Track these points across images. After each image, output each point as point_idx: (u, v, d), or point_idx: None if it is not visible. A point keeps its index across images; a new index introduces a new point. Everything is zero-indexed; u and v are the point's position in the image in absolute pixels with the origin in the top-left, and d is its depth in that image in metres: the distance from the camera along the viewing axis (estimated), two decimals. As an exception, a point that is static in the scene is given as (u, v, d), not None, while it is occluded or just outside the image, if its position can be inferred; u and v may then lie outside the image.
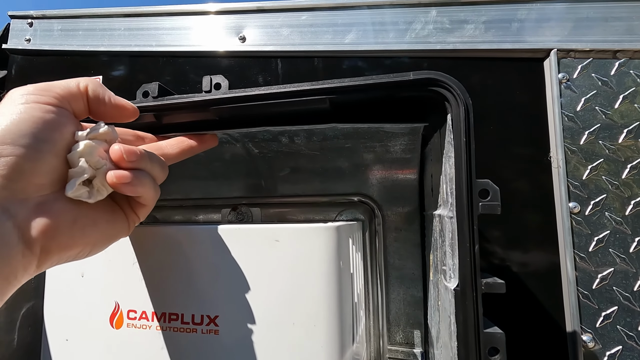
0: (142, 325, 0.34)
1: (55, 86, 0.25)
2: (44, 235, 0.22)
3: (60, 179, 0.24)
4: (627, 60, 0.47)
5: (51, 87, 0.24)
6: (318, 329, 0.31)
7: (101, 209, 0.26)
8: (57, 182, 0.24)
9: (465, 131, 0.30)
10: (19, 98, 0.23)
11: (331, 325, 0.31)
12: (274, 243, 0.32)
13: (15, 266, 0.21)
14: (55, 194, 0.23)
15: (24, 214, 0.21)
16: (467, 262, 0.29)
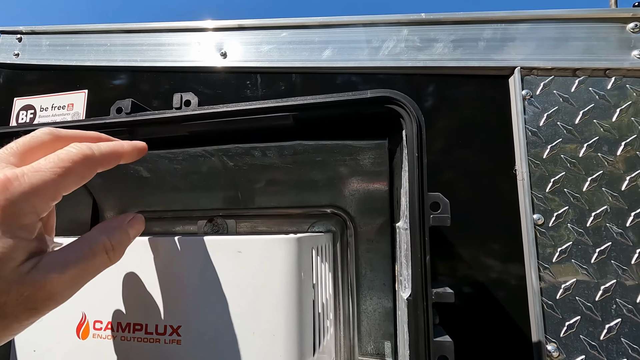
0: (108, 336, 0.34)
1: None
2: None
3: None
4: (586, 77, 0.49)
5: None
6: (277, 339, 0.32)
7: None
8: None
9: (418, 146, 0.31)
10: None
11: (290, 336, 0.32)
12: (237, 254, 0.33)
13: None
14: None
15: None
16: (419, 272, 0.30)
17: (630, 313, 0.44)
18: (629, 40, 0.48)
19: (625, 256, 0.45)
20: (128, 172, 0.55)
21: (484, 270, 0.48)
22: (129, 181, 0.56)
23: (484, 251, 0.49)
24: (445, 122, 0.53)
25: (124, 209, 0.60)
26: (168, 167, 0.52)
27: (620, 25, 0.49)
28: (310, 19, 0.61)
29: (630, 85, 0.48)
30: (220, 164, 0.50)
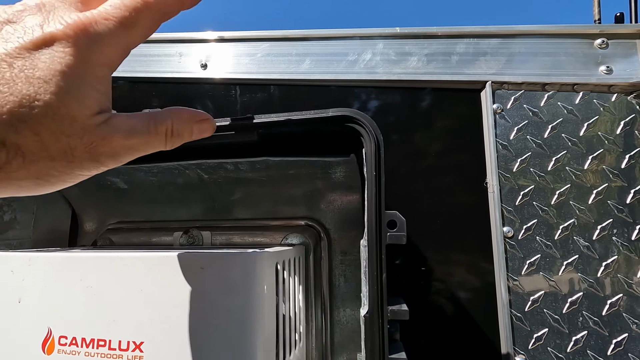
0: (72, 352, 0.35)
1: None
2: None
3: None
4: (554, 92, 0.50)
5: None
6: (240, 353, 0.32)
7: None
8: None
9: (375, 165, 0.32)
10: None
11: (250, 350, 0.32)
12: (200, 270, 0.34)
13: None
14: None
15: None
16: (375, 289, 0.30)
17: (596, 325, 0.44)
18: (596, 55, 0.49)
19: (591, 269, 0.46)
20: (105, 183, 0.55)
21: (454, 282, 0.49)
22: (107, 192, 0.57)
23: (454, 263, 0.49)
24: (417, 135, 0.54)
25: (102, 220, 0.61)
26: (144, 179, 0.53)
27: (588, 41, 0.50)
28: (289, 32, 0.61)
29: (597, 100, 0.48)
30: (195, 176, 0.51)
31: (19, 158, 0.19)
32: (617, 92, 0.48)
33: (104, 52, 0.21)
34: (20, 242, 0.54)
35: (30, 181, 0.21)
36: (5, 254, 0.40)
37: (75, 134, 0.20)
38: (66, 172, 0.21)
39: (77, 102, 0.20)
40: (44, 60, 0.19)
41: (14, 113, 0.18)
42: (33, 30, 0.20)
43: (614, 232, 0.46)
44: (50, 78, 0.19)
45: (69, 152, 0.21)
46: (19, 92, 0.19)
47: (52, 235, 0.60)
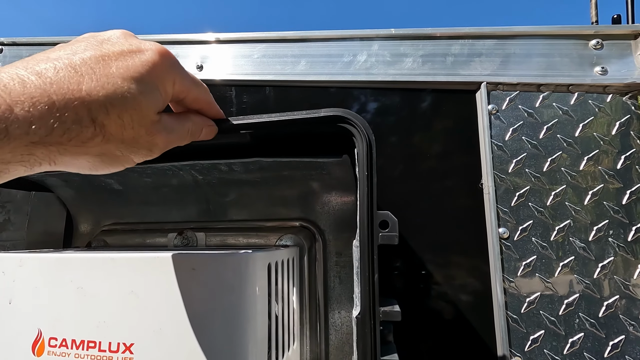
0: (62, 353, 0.34)
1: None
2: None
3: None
4: (549, 93, 0.49)
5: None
6: (230, 354, 0.32)
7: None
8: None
9: (367, 165, 0.32)
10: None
11: (243, 351, 0.32)
12: (191, 271, 0.33)
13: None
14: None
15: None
16: (367, 290, 0.30)
17: (593, 327, 0.44)
18: (591, 56, 0.49)
19: (588, 270, 0.45)
20: (100, 184, 0.55)
21: (449, 284, 0.49)
22: (102, 193, 0.57)
23: (449, 265, 0.49)
24: (413, 136, 0.54)
25: (97, 221, 0.60)
26: (138, 181, 0.53)
27: (583, 42, 0.50)
28: (285, 33, 0.61)
29: (592, 100, 0.48)
30: (190, 177, 0.51)
31: (100, 136, 0.23)
32: (612, 93, 0.48)
33: (175, 76, 0.28)
34: (14, 244, 0.54)
35: (97, 158, 0.25)
36: (-4, 255, 0.39)
37: (144, 125, 0.26)
38: (126, 154, 0.26)
39: (152, 100, 0.26)
40: (136, 64, 0.25)
41: (109, 98, 0.23)
42: (130, 44, 0.26)
43: (610, 233, 0.46)
44: (139, 78, 0.25)
45: (136, 139, 0.26)
46: (116, 83, 0.24)
47: (47, 236, 0.59)
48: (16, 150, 0.20)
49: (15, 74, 0.21)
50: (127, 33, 0.28)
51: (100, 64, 0.24)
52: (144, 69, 0.25)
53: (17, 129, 0.20)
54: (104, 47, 0.25)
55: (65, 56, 0.24)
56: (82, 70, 0.23)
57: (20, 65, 0.22)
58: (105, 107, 0.23)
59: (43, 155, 0.22)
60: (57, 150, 0.22)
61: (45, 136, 0.21)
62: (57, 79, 0.22)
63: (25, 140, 0.20)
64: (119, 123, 0.24)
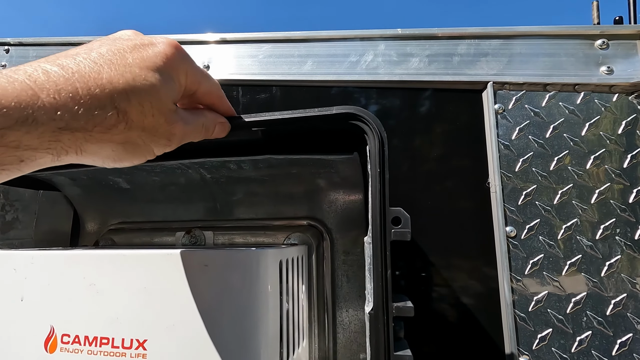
0: (75, 350, 0.34)
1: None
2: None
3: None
4: (556, 92, 0.50)
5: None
6: (243, 351, 0.32)
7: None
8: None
9: (380, 162, 0.32)
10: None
11: (255, 348, 0.32)
12: (203, 268, 0.33)
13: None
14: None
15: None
16: (380, 286, 0.30)
17: (601, 326, 0.44)
18: (596, 56, 0.49)
19: (595, 268, 0.45)
20: (108, 183, 0.55)
21: (457, 282, 0.49)
22: (109, 192, 0.57)
23: (457, 263, 0.49)
24: (419, 135, 0.54)
25: (104, 220, 0.61)
26: (146, 179, 0.53)
27: (589, 42, 0.50)
28: (291, 33, 0.62)
29: (598, 100, 0.49)
30: (198, 176, 0.51)
31: (123, 123, 0.24)
32: (618, 92, 0.49)
33: (187, 67, 0.29)
34: (22, 242, 0.54)
35: (119, 146, 0.26)
36: (7, 252, 0.40)
37: (163, 113, 0.26)
38: (147, 143, 0.27)
39: (169, 89, 0.27)
40: (150, 55, 0.26)
41: (129, 85, 0.24)
42: (142, 38, 0.28)
43: (617, 231, 0.46)
44: (155, 68, 0.26)
45: (155, 127, 0.26)
46: (134, 72, 0.25)
47: (54, 235, 0.60)
48: (43, 136, 0.21)
49: (38, 66, 0.22)
50: (136, 31, 0.29)
51: (117, 56, 0.25)
52: (159, 59, 0.27)
53: (43, 114, 0.20)
54: (117, 43, 0.26)
55: (83, 52, 0.25)
56: (100, 61, 0.24)
57: (43, 60, 0.23)
58: (126, 93, 0.24)
59: (70, 142, 0.22)
60: (83, 137, 0.23)
61: (71, 122, 0.22)
62: (78, 69, 0.23)
63: (51, 125, 0.21)
64: (140, 110, 0.25)
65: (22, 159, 0.21)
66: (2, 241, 0.51)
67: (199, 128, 0.31)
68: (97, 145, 0.24)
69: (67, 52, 0.25)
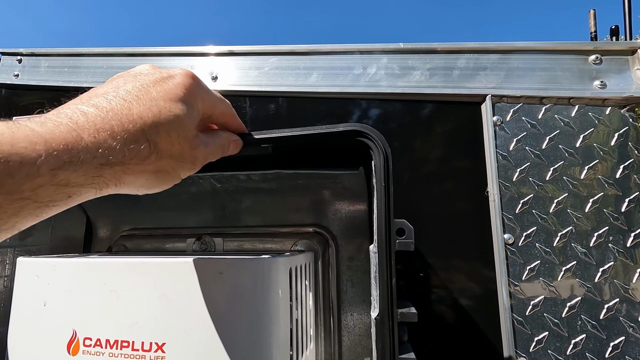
0: (97, 352, 0.36)
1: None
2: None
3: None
4: (551, 105, 0.52)
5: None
6: (255, 354, 0.34)
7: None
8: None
9: (385, 177, 0.34)
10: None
11: (267, 351, 0.34)
12: (218, 275, 0.36)
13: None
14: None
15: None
16: (385, 293, 0.32)
17: (595, 329, 0.46)
18: (590, 71, 0.52)
19: (589, 274, 0.48)
20: (121, 191, 0.57)
21: (456, 288, 0.51)
22: (121, 199, 0.59)
23: (457, 269, 0.51)
24: (420, 145, 0.56)
25: (115, 227, 0.63)
26: (159, 188, 0.55)
27: (583, 57, 0.52)
28: (297, 46, 0.64)
29: (592, 113, 0.51)
30: (208, 185, 0.53)
31: (155, 154, 0.27)
32: (611, 106, 0.51)
33: (203, 95, 0.31)
34: (39, 248, 0.56)
35: (152, 175, 0.28)
36: (30, 259, 0.42)
37: (187, 140, 0.29)
38: (175, 169, 0.29)
39: (191, 116, 0.29)
40: (171, 87, 0.29)
41: (156, 118, 0.26)
42: (160, 72, 0.30)
43: (610, 239, 0.48)
44: (177, 99, 0.28)
45: (181, 154, 0.29)
46: (160, 105, 0.27)
47: (68, 241, 0.62)
48: (88, 173, 0.23)
49: (76, 108, 0.24)
50: (153, 65, 0.31)
51: (142, 91, 0.27)
52: (179, 90, 0.29)
53: (86, 154, 0.22)
54: (139, 79, 0.29)
55: (112, 91, 0.27)
56: (129, 98, 0.26)
57: (78, 102, 0.25)
58: (155, 126, 0.26)
59: (110, 176, 0.24)
60: (121, 170, 0.25)
61: (110, 157, 0.24)
62: (111, 107, 0.25)
63: (94, 163, 0.23)
64: (168, 140, 0.27)
65: (70, 195, 0.23)
66: (20, 247, 0.53)
67: (217, 148, 0.33)
68: (133, 177, 0.26)
69: (96, 91, 0.27)
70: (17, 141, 0.20)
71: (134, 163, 0.25)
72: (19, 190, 0.20)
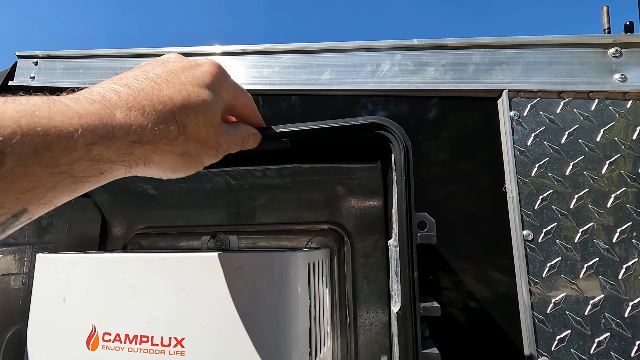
0: (116, 347, 0.36)
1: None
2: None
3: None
4: (570, 100, 0.51)
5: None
6: (275, 349, 0.34)
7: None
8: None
9: (405, 169, 0.34)
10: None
11: (287, 347, 0.34)
12: (237, 270, 0.35)
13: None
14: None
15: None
16: (407, 287, 0.32)
17: (619, 327, 0.45)
18: (610, 64, 0.51)
19: (612, 271, 0.46)
20: (136, 189, 0.58)
21: (476, 285, 0.50)
22: (136, 198, 0.59)
23: (476, 266, 0.50)
24: (437, 142, 0.56)
25: (130, 225, 0.63)
26: (174, 186, 0.55)
27: (602, 50, 0.52)
28: (310, 44, 0.64)
29: (612, 106, 0.50)
30: (223, 182, 0.53)
31: (183, 135, 0.27)
32: (632, 99, 0.50)
33: (228, 84, 0.32)
34: (56, 246, 0.57)
35: (180, 158, 0.28)
36: (49, 255, 0.42)
37: (213, 126, 0.29)
38: (200, 153, 0.29)
39: (217, 104, 0.30)
40: (199, 74, 0.29)
41: (185, 101, 0.27)
42: (188, 60, 0.31)
43: (633, 235, 0.47)
44: (205, 85, 0.29)
45: (207, 139, 0.29)
46: (189, 89, 0.28)
47: (84, 239, 0.62)
48: (120, 149, 0.23)
49: (108, 87, 0.25)
50: (179, 54, 0.32)
51: (172, 76, 0.28)
52: (207, 77, 0.29)
53: (119, 130, 0.23)
54: (168, 65, 0.30)
55: (142, 74, 0.28)
56: (159, 81, 0.27)
57: (110, 82, 0.26)
58: (184, 108, 0.27)
59: (140, 154, 0.25)
60: (151, 149, 0.25)
61: (142, 135, 0.24)
62: (142, 87, 0.26)
63: (126, 140, 0.23)
64: (196, 123, 0.28)
65: (102, 172, 0.23)
66: (38, 245, 0.54)
67: (238, 140, 0.33)
68: (161, 157, 0.27)
69: (125, 75, 0.27)
70: (54, 115, 0.20)
71: (164, 143, 0.26)
72: (57, 164, 0.20)
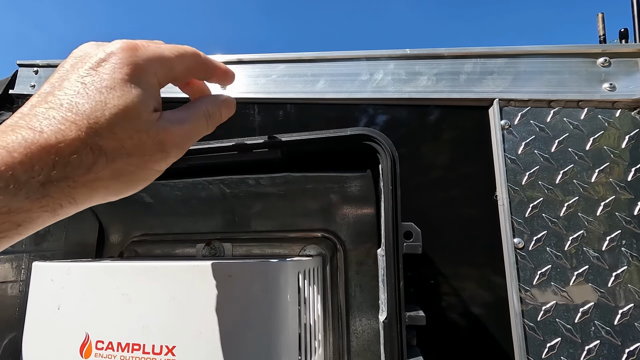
0: (109, 355, 0.37)
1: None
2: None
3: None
4: (560, 109, 0.52)
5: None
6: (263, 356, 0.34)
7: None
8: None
9: (392, 180, 0.34)
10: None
11: (274, 354, 0.34)
12: (228, 278, 0.36)
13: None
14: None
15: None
16: (393, 296, 0.32)
17: (609, 335, 0.45)
18: (599, 73, 0.51)
19: (602, 279, 0.47)
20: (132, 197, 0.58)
21: (466, 293, 0.50)
22: (132, 206, 0.60)
23: (466, 274, 0.51)
24: (428, 150, 0.56)
25: (127, 232, 0.64)
26: (169, 194, 0.56)
27: (591, 60, 0.52)
28: (304, 54, 0.65)
29: (601, 115, 0.51)
30: (218, 191, 0.54)
31: (103, 157, 0.23)
32: (621, 108, 0.50)
33: (153, 65, 0.26)
34: (53, 254, 0.57)
35: (114, 180, 0.24)
36: (45, 263, 0.43)
37: (143, 129, 0.24)
38: (141, 166, 0.25)
39: (138, 102, 0.24)
40: (106, 72, 0.24)
41: (91, 117, 0.22)
42: (97, 54, 0.25)
43: (622, 243, 0.47)
44: (114, 85, 0.24)
45: (141, 147, 0.24)
46: (95, 99, 0.23)
47: (81, 247, 0.63)
48: (30, 195, 0.20)
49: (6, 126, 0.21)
50: (91, 44, 0.26)
51: (74, 89, 0.23)
52: (117, 74, 0.24)
53: (21, 173, 0.20)
54: (62, 72, 0.25)
55: (40, 100, 0.23)
56: (59, 104, 0.22)
57: (16, 115, 0.23)
58: (92, 128, 0.22)
59: (58, 195, 0.22)
60: (67, 185, 0.22)
61: (50, 174, 0.21)
62: (40, 126, 0.21)
63: (34, 183, 0.20)
64: (114, 138, 0.23)
65: (19, 223, 0.20)
66: (36, 252, 0.55)
67: (201, 120, 0.29)
68: (87, 189, 0.23)
69: (31, 100, 0.23)
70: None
71: (80, 175, 0.22)
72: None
